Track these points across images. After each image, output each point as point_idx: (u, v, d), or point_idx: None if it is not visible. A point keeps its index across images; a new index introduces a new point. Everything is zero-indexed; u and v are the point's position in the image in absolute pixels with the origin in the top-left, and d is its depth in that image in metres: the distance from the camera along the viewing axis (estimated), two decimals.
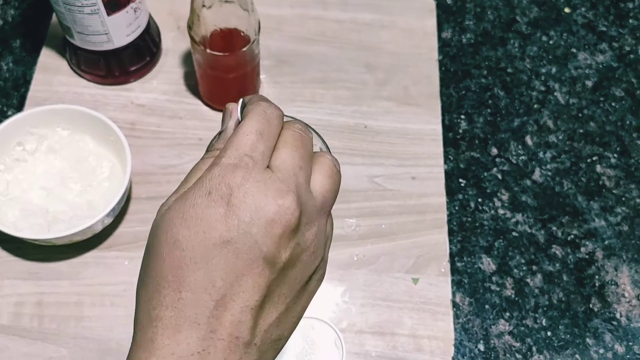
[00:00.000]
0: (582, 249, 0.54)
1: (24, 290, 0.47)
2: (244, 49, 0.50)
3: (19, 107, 0.55)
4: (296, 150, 0.27)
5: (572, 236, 0.55)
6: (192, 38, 0.50)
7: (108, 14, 0.49)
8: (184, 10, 0.60)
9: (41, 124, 0.49)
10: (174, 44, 0.60)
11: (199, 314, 0.24)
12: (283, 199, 0.25)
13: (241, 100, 0.30)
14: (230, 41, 0.49)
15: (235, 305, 0.25)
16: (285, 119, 0.35)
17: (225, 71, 0.52)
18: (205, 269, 0.24)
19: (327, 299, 0.49)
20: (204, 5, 0.46)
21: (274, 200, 0.25)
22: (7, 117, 0.55)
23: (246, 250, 0.25)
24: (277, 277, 0.26)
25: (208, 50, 0.49)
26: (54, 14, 0.59)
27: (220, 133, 0.30)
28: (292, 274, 0.26)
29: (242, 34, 0.49)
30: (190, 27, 0.49)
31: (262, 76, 0.58)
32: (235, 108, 0.30)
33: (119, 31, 0.52)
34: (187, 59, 0.59)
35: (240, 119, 0.29)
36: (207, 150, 0.29)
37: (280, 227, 0.25)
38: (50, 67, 0.57)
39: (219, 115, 0.57)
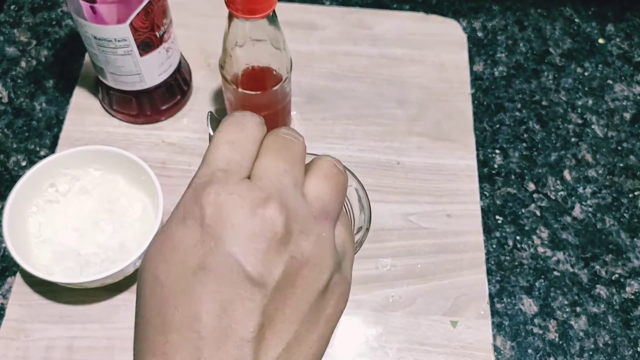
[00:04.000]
0: (628, 289, 0.52)
1: (55, 334, 0.46)
2: (276, 87, 0.49)
3: (52, 147, 0.56)
4: (278, 153, 0.24)
5: (617, 275, 0.52)
6: (223, 77, 0.49)
7: (141, 55, 0.50)
8: (215, 48, 0.61)
9: (74, 164, 0.49)
10: (204, 82, 0.60)
11: (188, 357, 0.21)
12: (262, 207, 0.22)
13: (208, 113, 0.27)
14: (262, 80, 0.49)
15: (229, 340, 0.21)
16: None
17: (257, 109, 0.51)
18: (187, 303, 0.21)
19: (362, 342, 0.48)
20: (236, 44, 0.46)
21: (251, 211, 0.22)
22: (40, 156, 0.55)
23: (227, 273, 0.21)
24: (273, 299, 0.22)
25: (240, 89, 0.49)
26: (86, 54, 0.60)
27: None
28: (293, 294, 0.23)
29: (274, 72, 0.49)
30: (222, 67, 0.49)
31: (292, 113, 0.58)
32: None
33: (151, 71, 0.52)
34: (217, 96, 0.59)
35: (211, 133, 0.26)
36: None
37: (263, 240, 0.22)
38: (82, 107, 0.57)
39: None
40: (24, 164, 0.55)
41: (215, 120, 0.27)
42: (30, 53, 0.62)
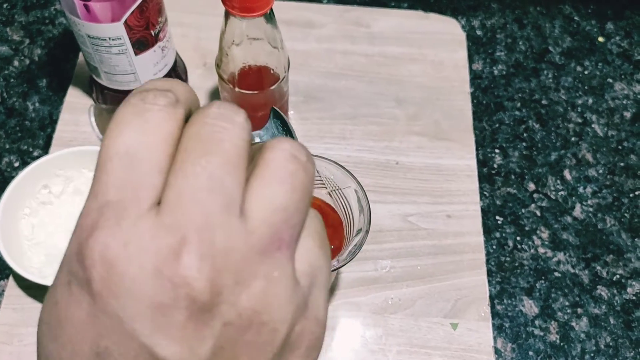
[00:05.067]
0: (629, 290, 0.51)
1: None
2: (273, 86, 0.49)
3: (45, 148, 0.55)
4: (200, 160, 0.16)
5: (618, 276, 0.52)
6: (220, 76, 0.49)
7: (136, 54, 0.49)
8: (211, 47, 0.60)
9: (67, 165, 0.48)
10: (200, 81, 0.59)
11: None
12: (173, 262, 0.15)
13: (90, 107, 0.18)
14: (260, 79, 0.48)
15: None
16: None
17: (254, 109, 0.50)
18: None
19: (361, 346, 0.47)
20: (233, 43, 0.45)
21: (156, 271, 0.15)
22: (33, 157, 0.54)
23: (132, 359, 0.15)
24: None
25: (237, 89, 0.48)
26: (80, 53, 0.59)
27: None
28: None
29: (271, 72, 0.48)
30: (218, 66, 0.48)
31: (290, 112, 0.57)
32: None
33: (146, 70, 0.51)
34: (214, 96, 0.58)
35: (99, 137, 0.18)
36: None
37: (178, 311, 0.15)
38: (76, 107, 0.56)
39: None
40: (16, 164, 0.54)
41: (103, 113, 0.17)
42: (23, 52, 0.61)
